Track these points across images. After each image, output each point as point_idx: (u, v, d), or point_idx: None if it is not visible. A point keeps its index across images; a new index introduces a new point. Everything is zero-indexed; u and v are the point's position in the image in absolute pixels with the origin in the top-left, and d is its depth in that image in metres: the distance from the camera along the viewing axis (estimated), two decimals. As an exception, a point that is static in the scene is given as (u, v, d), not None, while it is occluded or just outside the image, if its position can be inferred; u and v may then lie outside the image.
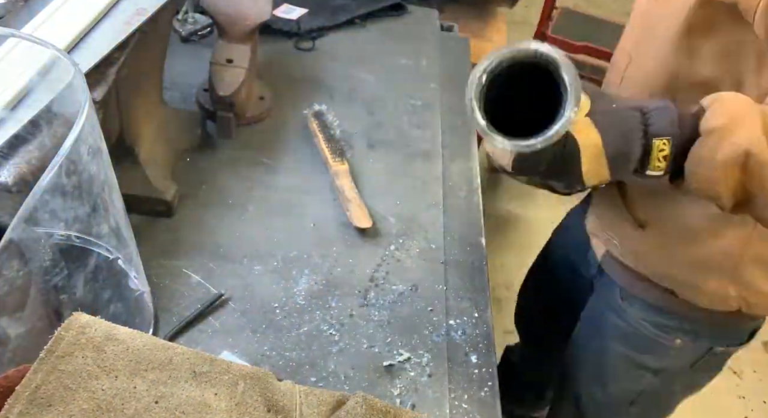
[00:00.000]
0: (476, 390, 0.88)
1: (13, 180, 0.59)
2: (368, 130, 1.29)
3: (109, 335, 0.53)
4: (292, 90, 1.34)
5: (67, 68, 0.54)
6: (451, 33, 1.74)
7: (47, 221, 0.51)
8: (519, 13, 3.27)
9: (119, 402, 0.50)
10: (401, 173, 1.20)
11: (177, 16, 1.40)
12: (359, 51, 1.51)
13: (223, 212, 1.05)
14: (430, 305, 0.97)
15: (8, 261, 0.51)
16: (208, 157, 1.14)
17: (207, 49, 1.31)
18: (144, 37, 0.85)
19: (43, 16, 0.80)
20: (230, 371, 0.57)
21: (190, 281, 0.93)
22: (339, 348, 0.89)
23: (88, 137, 0.51)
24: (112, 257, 0.62)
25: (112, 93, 0.84)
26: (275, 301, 0.93)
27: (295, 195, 1.11)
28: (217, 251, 0.98)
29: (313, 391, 0.60)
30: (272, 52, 1.43)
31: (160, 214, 1.01)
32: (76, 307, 0.56)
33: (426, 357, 0.90)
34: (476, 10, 2.30)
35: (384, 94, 1.39)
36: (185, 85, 1.27)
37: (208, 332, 0.88)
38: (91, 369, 0.51)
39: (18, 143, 0.61)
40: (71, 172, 0.50)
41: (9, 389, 0.48)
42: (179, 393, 0.53)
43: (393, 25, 1.64)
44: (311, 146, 1.21)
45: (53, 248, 0.55)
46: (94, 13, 0.82)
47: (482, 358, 0.92)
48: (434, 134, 1.31)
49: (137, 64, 0.90)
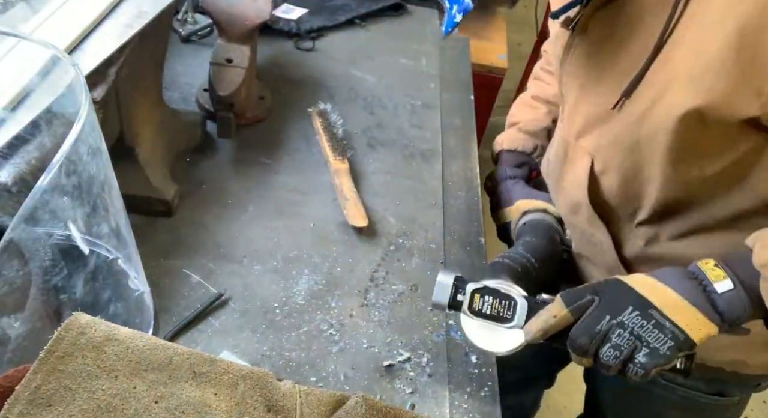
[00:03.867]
0: (476, 390, 0.88)
1: (13, 180, 0.59)
2: (368, 130, 1.29)
3: (109, 336, 0.53)
4: (292, 90, 1.34)
5: (67, 68, 0.54)
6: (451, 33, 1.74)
7: (47, 221, 0.51)
8: (519, 13, 3.26)
9: (119, 402, 0.50)
10: (401, 173, 1.20)
11: (177, 16, 1.40)
12: (359, 51, 1.51)
13: (223, 212, 1.05)
14: (430, 305, 0.97)
15: (8, 261, 0.51)
16: (208, 157, 1.14)
17: (207, 49, 1.31)
18: (144, 37, 0.85)
19: (43, 16, 0.80)
20: (230, 371, 0.57)
21: (190, 281, 0.93)
22: (339, 348, 0.89)
23: (88, 137, 0.51)
24: (112, 256, 0.62)
25: (112, 93, 0.84)
26: (275, 301, 0.93)
27: (295, 195, 1.11)
28: (217, 251, 0.98)
29: (313, 391, 0.60)
30: (272, 52, 1.44)
31: (160, 214, 1.01)
32: (76, 307, 0.56)
33: (426, 357, 0.90)
34: (476, 10, 2.29)
35: (384, 94, 1.39)
36: (185, 85, 1.27)
37: (208, 332, 0.88)
38: (91, 369, 0.51)
39: (18, 143, 0.61)
40: (71, 172, 0.50)
41: (9, 389, 0.48)
42: (179, 393, 0.53)
43: (393, 25, 1.64)
44: (311, 146, 1.21)
45: (53, 248, 0.55)
46: (94, 14, 0.82)
47: (482, 358, 0.92)
48: (434, 134, 1.31)
49: (137, 64, 0.90)
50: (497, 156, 1.15)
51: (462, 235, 1.11)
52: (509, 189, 1.08)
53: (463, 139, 1.33)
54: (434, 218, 1.12)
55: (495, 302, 0.79)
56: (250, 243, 1.01)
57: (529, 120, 1.14)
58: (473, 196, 1.20)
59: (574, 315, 0.73)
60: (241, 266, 0.97)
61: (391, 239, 1.07)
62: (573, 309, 0.73)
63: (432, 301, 0.81)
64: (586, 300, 0.73)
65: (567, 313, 0.73)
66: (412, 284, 1.00)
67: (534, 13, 2.99)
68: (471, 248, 1.09)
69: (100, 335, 0.53)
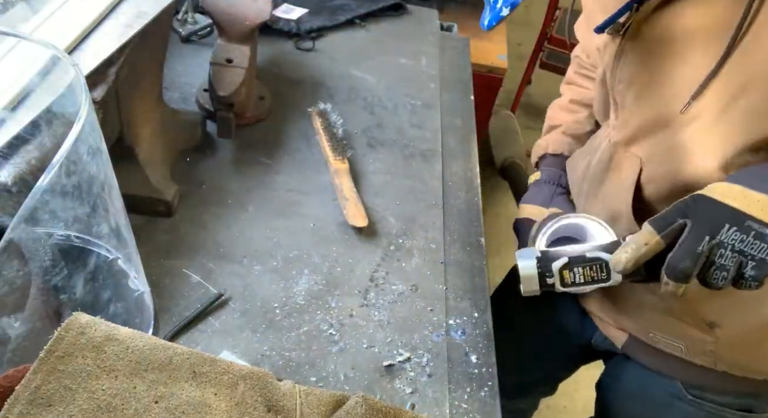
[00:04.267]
0: (476, 390, 0.88)
1: (13, 180, 0.59)
2: (368, 130, 1.29)
3: (109, 336, 0.53)
4: (292, 90, 1.34)
5: (67, 68, 0.54)
6: (451, 33, 1.74)
7: (47, 221, 0.51)
8: (519, 13, 3.27)
9: (119, 402, 0.50)
10: (401, 173, 1.20)
11: (177, 16, 1.40)
12: (359, 51, 1.51)
13: (223, 211, 1.05)
14: (430, 305, 0.97)
15: (8, 261, 0.51)
16: (208, 157, 1.15)
17: (207, 49, 1.31)
18: (144, 37, 0.85)
19: (43, 16, 0.80)
20: (230, 371, 0.57)
21: (190, 281, 0.93)
22: (339, 348, 0.89)
23: (88, 137, 0.51)
24: (112, 256, 0.62)
25: (112, 93, 0.84)
26: (275, 301, 0.93)
27: (295, 195, 1.11)
28: (217, 251, 0.98)
29: (313, 391, 0.60)
30: (272, 52, 1.44)
31: (160, 214, 1.01)
32: (76, 307, 0.56)
33: (426, 357, 0.90)
34: (476, 10, 2.30)
35: (384, 94, 1.39)
36: (185, 85, 1.27)
37: (208, 332, 0.88)
38: (91, 369, 0.51)
39: (18, 143, 0.61)
40: (71, 172, 0.50)
41: (9, 389, 0.48)
42: (179, 393, 0.53)
43: (393, 25, 1.64)
44: (311, 146, 1.21)
45: (53, 248, 0.55)
46: (94, 14, 0.82)
47: (482, 358, 0.92)
48: (434, 134, 1.31)
49: (137, 64, 0.90)
50: (540, 160, 1.15)
51: (462, 235, 1.11)
52: (553, 194, 1.08)
53: (463, 139, 1.33)
54: (434, 218, 1.12)
55: (585, 270, 0.78)
56: (250, 243, 1.01)
57: (572, 123, 1.13)
58: (473, 196, 1.20)
59: (666, 241, 0.70)
60: (241, 266, 0.97)
61: (391, 239, 1.07)
62: (665, 235, 0.70)
63: (522, 291, 0.80)
64: (678, 225, 0.70)
65: (659, 239, 0.70)
66: (412, 284, 1.00)
67: (534, 13, 2.99)
68: (471, 248, 1.09)
69: (100, 335, 0.53)
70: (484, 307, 0.99)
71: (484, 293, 1.02)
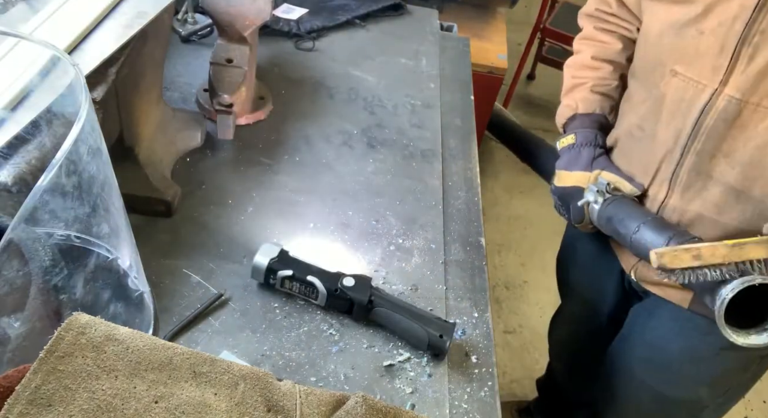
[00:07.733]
0: (476, 390, 0.88)
1: (13, 180, 0.59)
2: (368, 130, 1.29)
3: (109, 336, 0.53)
4: (292, 90, 1.34)
5: (67, 68, 0.54)
6: (451, 33, 1.74)
7: (47, 221, 0.51)
8: (519, 13, 3.27)
9: (119, 402, 0.50)
10: (401, 173, 1.20)
11: (177, 16, 1.40)
12: (359, 51, 1.51)
13: (223, 212, 1.05)
14: (430, 305, 0.97)
15: (8, 261, 0.51)
16: (208, 157, 1.15)
17: (207, 49, 1.31)
18: (144, 37, 0.85)
19: (43, 16, 0.80)
20: (230, 371, 0.57)
21: (190, 281, 0.93)
22: (339, 348, 0.89)
23: (88, 137, 0.51)
24: (112, 256, 0.62)
25: (112, 93, 0.84)
26: (275, 301, 0.93)
27: (295, 195, 1.11)
28: (217, 251, 0.98)
29: (313, 391, 0.60)
30: (272, 52, 1.44)
31: (160, 214, 1.01)
32: (76, 307, 0.56)
33: (426, 357, 0.90)
34: (476, 10, 2.31)
35: (384, 94, 1.39)
36: (185, 85, 1.27)
37: (208, 332, 0.88)
38: (91, 369, 0.51)
39: (18, 143, 0.61)
40: (71, 172, 0.50)
41: (9, 389, 0.48)
42: (179, 393, 0.53)
43: (393, 25, 1.64)
44: (311, 146, 1.21)
45: (53, 248, 0.55)
46: (94, 15, 0.82)
47: (482, 358, 0.92)
48: (434, 134, 1.31)
49: (137, 64, 0.90)
50: (569, 121, 1.12)
51: (462, 235, 1.11)
52: (593, 157, 1.06)
53: (463, 139, 1.33)
54: (434, 218, 1.12)
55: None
56: (250, 243, 1.01)
57: (599, 79, 1.10)
58: (473, 196, 1.20)
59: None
60: (241, 266, 0.97)
61: (391, 239, 1.07)
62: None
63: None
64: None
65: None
66: (412, 284, 1.00)
67: (534, 12, 2.99)
68: (471, 248, 1.09)
69: (100, 335, 0.53)
70: (484, 307, 0.99)
71: (484, 293, 1.02)
